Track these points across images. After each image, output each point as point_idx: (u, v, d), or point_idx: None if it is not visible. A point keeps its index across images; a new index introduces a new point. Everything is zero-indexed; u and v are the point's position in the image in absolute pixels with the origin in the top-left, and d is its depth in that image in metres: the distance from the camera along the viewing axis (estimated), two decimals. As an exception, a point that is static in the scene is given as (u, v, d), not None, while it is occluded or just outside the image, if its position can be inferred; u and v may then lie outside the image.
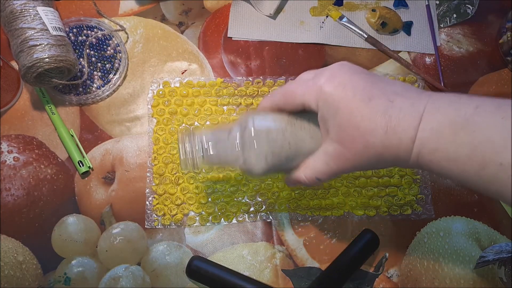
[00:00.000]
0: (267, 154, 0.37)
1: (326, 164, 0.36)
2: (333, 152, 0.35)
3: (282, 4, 0.58)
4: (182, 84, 0.54)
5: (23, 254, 0.48)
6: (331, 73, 0.34)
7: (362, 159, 0.34)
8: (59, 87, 0.54)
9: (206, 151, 0.38)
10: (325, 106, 0.34)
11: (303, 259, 0.48)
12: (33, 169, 0.51)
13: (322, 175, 0.36)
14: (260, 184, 0.50)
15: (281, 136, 0.37)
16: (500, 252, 0.47)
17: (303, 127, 0.37)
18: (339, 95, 0.33)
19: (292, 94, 0.36)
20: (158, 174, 0.50)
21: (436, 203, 0.50)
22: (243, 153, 0.37)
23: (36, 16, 0.49)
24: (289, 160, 0.37)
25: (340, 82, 0.33)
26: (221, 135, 0.38)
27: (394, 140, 0.32)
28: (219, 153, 0.38)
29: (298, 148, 0.37)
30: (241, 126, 0.38)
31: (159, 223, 0.49)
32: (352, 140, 0.33)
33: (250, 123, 0.37)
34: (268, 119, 0.37)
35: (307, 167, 0.37)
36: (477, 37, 0.57)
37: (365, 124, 0.32)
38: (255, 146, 0.36)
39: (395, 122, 0.32)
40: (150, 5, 0.59)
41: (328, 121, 0.34)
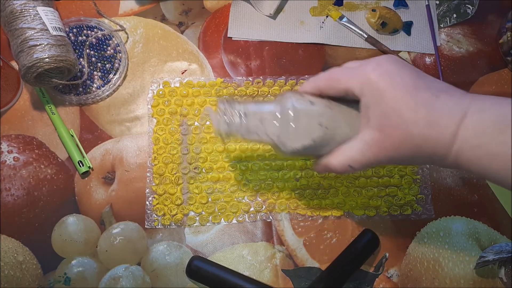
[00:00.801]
0: (303, 134, 0.37)
1: (362, 152, 0.35)
2: (371, 140, 0.35)
3: (282, 4, 0.58)
4: (182, 84, 0.54)
5: (23, 254, 0.48)
6: (378, 62, 0.35)
7: (399, 149, 0.33)
8: (59, 87, 0.54)
9: (244, 119, 0.38)
10: (370, 93, 0.34)
11: (303, 259, 0.48)
12: (33, 169, 0.51)
13: (356, 163, 0.36)
14: (260, 184, 0.50)
15: (318, 119, 0.37)
16: (500, 252, 0.47)
17: (342, 113, 0.37)
18: (385, 83, 0.33)
19: (337, 79, 0.36)
20: (158, 174, 0.50)
21: (436, 203, 0.50)
22: (280, 130, 0.38)
23: (36, 16, 0.49)
24: (323, 144, 0.37)
25: (387, 71, 0.34)
26: (261, 109, 0.39)
27: (435, 133, 0.32)
28: (256, 126, 0.38)
29: (334, 133, 0.37)
30: (282, 104, 0.38)
31: (159, 223, 0.49)
32: (393, 128, 0.33)
33: (290, 102, 0.37)
34: (307, 101, 0.38)
35: (340, 154, 0.37)
36: (477, 37, 0.57)
37: (409, 114, 0.32)
38: (292, 126, 0.37)
39: (438, 116, 0.32)
40: (150, 5, 0.59)
41: (371, 108, 0.34)
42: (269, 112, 0.38)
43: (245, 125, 0.38)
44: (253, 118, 0.38)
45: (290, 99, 0.38)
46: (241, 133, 0.39)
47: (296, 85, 0.54)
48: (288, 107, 0.37)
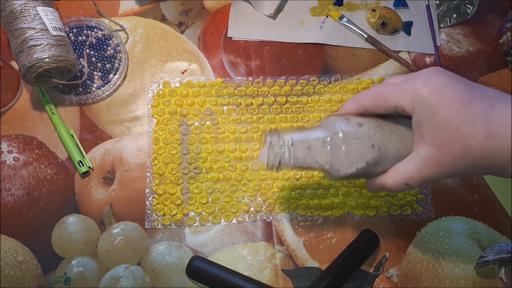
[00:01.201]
0: (356, 158, 0.36)
1: (419, 169, 0.35)
2: (427, 156, 0.34)
3: (282, 4, 0.58)
4: (182, 84, 0.54)
5: (23, 254, 0.48)
6: (427, 76, 0.34)
7: (459, 164, 0.33)
8: (59, 87, 0.54)
9: (292, 150, 0.38)
10: (422, 109, 0.33)
11: (303, 259, 0.48)
12: (33, 169, 0.51)
13: (413, 180, 0.35)
14: (260, 184, 0.50)
15: (369, 140, 0.36)
16: (500, 252, 0.47)
17: (392, 131, 0.37)
18: (437, 98, 0.33)
19: (384, 96, 0.35)
20: (158, 174, 0.50)
21: (436, 203, 0.50)
22: (331, 157, 0.37)
23: (36, 16, 0.49)
24: (376, 164, 0.37)
25: (437, 85, 0.33)
26: (308, 137, 0.38)
27: (496, 145, 0.31)
28: (305, 155, 0.38)
29: (387, 152, 0.36)
30: (329, 130, 0.37)
31: (159, 223, 0.49)
32: (450, 143, 0.32)
33: (338, 127, 0.37)
34: (355, 123, 0.37)
35: (396, 172, 0.36)
36: (477, 37, 0.57)
37: (466, 127, 0.32)
38: (343, 150, 0.36)
39: (497, 127, 0.31)
40: (150, 5, 0.59)
41: (424, 125, 0.34)
42: (317, 139, 0.37)
43: (294, 155, 0.38)
44: (301, 147, 0.37)
45: (337, 123, 0.37)
46: (291, 164, 0.38)
47: (296, 85, 0.54)
48: (336, 131, 0.36)
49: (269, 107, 0.53)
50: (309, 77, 0.54)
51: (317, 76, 0.54)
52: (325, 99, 0.53)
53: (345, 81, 0.54)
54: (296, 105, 0.53)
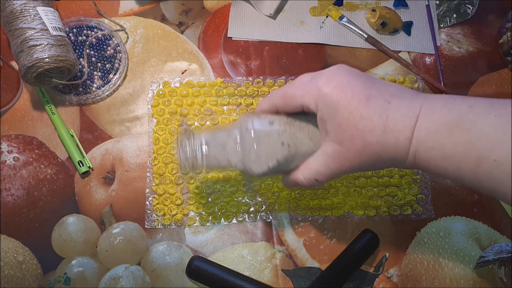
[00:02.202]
0: (267, 156, 0.37)
1: (325, 165, 0.36)
2: (332, 153, 0.35)
3: (282, 4, 0.58)
4: (182, 84, 0.54)
5: (23, 254, 0.48)
6: (329, 74, 0.35)
7: (361, 159, 0.34)
8: (59, 87, 0.54)
9: (205, 152, 0.38)
10: (324, 107, 0.34)
11: (303, 259, 0.48)
12: (33, 169, 0.51)
13: (321, 176, 0.37)
14: (260, 184, 0.50)
15: (280, 138, 0.37)
16: (500, 252, 0.47)
17: (302, 128, 0.37)
18: (337, 95, 0.34)
19: (291, 96, 0.37)
20: (158, 174, 0.50)
21: (436, 203, 0.50)
22: (243, 155, 0.37)
23: (36, 16, 0.49)
24: (288, 162, 0.37)
25: (338, 83, 0.34)
26: (220, 136, 0.38)
27: (391, 139, 0.32)
28: (218, 154, 0.38)
29: (297, 149, 0.37)
30: (241, 128, 0.38)
31: (159, 223, 0.49)
32: (351, 140, 0.34)
33: (250, 125, 0.37)
34: (267, 121, 0.37)
35: (305, 168, 0.37)
36: (477, 37, 0.57)
37: (364, 123, 0.33)
38: (254, 148, 0.37)
39: (392, 122, 0.32)
40: (150, 5, 0.59)
41: (327, 122, 0.35)
42: (229, 137, 0.38)
43: (207, 155, 0.38)
44: (213, 147, 0.38)
45: (248, 121, 0.37)
46: (205, 164, 0.38)
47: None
48: (248, 129, 0.37)
49: (269, 107, 0.53)
50: (309, 77, 0.54)
51: (317, 76, 0.54)
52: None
53: (345, 81, 0.54)
54: (296, 105, 0.53)
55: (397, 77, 0.54)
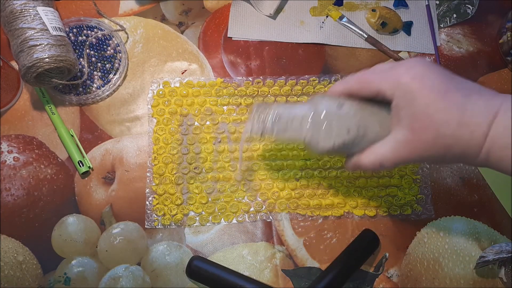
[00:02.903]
0: (335, 135, 0.38)
1: (394, 150, 0.36)
2: (402, 139, 0.36)
3: (282, 4, 0.58)
4: (182, 84, 0.54)
5: (23, 254, 0.48)
6: (409, 65, 0.36)
7: (431, 149, 0.34)
8: (59, 87, 0.54)
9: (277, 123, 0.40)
10: (401, 95, 0.35)
11: (303, 259, 0.48)
12: (33, 169, 0.51)
13: (387, 161, 0.37)
14: (260, 184, 0.50)
15: (350, 120, 0.38)
16: (500, 252, 0.47)
17: (373, 114, 0.38)
18: (416, 85, 0.34)
19: (368, 81, 0.38)
20: (158, 174, 0.50)
21: (436, 203, 0.50)
22: (312, 132, 0.39)
23: (36, 16, 0.49)
24: (354, 144, 0.39)
25: (417, 73, 0.35)
26: (294, 111, 0.40)
27: (466, 133, 0.33)
28: (288, 126, 0.40)
29: (366, 133, 0.38)
30: (315, 106, 0.39)
31: (159, 223, 0.49)
32: (425, 130, 0.34)
33: (323, 104, 0.39)
34: (339, 103, 0.39)
35: (372, 153, 0.38)
36: (477, 37, 0.57)
37: (440, 115, 0.33)
38: (325, 125, 0.38)
39: (469, 117, 0.33)
40: (150, 5, 0.59)
41: (402, 110, 0.35)
42: (300, 113, 0.40)
43: (278, 126, 0.40)
44: (286, 120, 0.40)
45: (322, 101, 0.39)
46: (275, 134, 0.40)
47: (296, 85, 0.54)
48: (320, 109, 0.39)
49: (269, 107, 0.53)
50: (309, 77, 0.54)
51: (317, 76, 0.54)
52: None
53: (345, 81, 0.54)
54: (296, 105, 0.53)
55: (397, 77, 0.54)
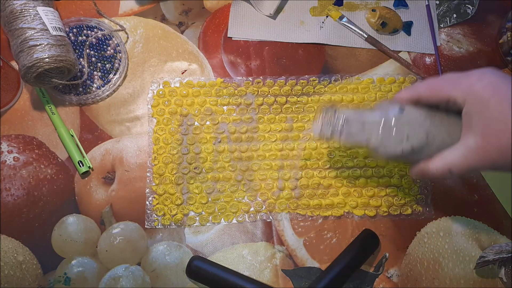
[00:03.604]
0: (404, 142, 0.39)
1: (464, 157, 0.36)
2: (474, 146, 0.36)
3: (282, 4, 0.58)
4: (182, 84, 0.54)
5: (23, 254, 0.48)
6: (481, 73, 0.36)
7: (504, 156, 0.35)
8: (59, 87, 0.54)
9: (346, 127, 0.41)
10: (474, 102, 0.35)
11: (303, 259, 0.48)
12: (33, 169, 0.51)
13: (457, 168, 0.37)
14: (260, 184, 0.50)
15: (420, 127, 0.39)
16: (500, 252, 0.47)
17: (441, 120, 0.39)
18: (489, 93, 0.35)
19: (439, 88, 0.38)
20: (158, 174, 0.50)
21: (436, 203, 0.50)
22: (381, 137, 0.39)
23: (36, 16, 0.49)
24: (422, 151, 0.39)
25: (490, 82, 0.35)
26: (363, 116, 0.41)
27: None
28: (356, 131, 0.41)
29: (435, 140, 0.39)
30: (385, 112, 0.40)
31: (159, 223, 0.49)
32: (498, 136, 0.34)
33: (393, 111, 0.39)
34: (410, 109, 0.39)
35: (441, 159, 0.38)
36: (477, 37, 0.57)
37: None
38: (393, 133, 0.39)
39: None
40: (150, 5, 0.59)
41: (474, 116, 0.36)
42: (370, 118, 0.40)
43: (347, 130, 0.41)
44: (353, 124, 0.40)
45: (391, 107, 0.40)
46: (343, 137, 0.41)
47: (296, 85, 0.54)
48: (389, 115, 0.39)
49: (269, 107, 0.53)
50: (309, 77, 0.54)
51: (317, 76, 0.54)
52: (325, 99, 0.53)
53: (345, 81, 0.54)
54: (296, 105, 0.53)
55: (397, 77, 0.54)
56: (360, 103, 0.53)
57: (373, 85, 0.54)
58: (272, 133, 0.52)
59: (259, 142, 0.52)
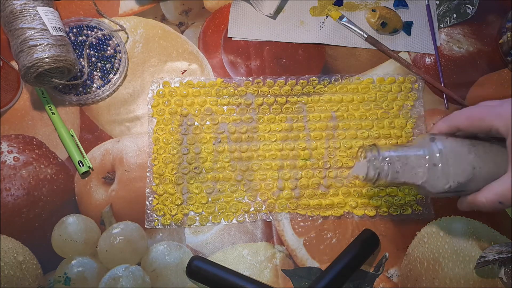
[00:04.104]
0: (450, 176, 0.38)
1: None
2: None
3: (282, 4, 0.58)
4: (182, 84, 0.54)
5: (23, 254, 0.48)
6: None
7: None
8: (59, 87, 0.54)
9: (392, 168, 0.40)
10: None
11: (303, 259, 0.48)
12: (33, 169, 0.51)
13: (507, 199, 0.37)
14: (260, 184, 0.50)
15: (466, 160, 0.38)
16: (500, 252, 0.47)
17: (486, 151, 0.38)
18: None
19: (479, 118, 0.37)
20: (158, 174, 0.50)
21: (436, 203, 0.50)
22: (428, 174, 0.39)
23: (36, 16, 0.49)
24: (469, 184, 0.38)
25: None
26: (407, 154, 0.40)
27: None
28: (401, 171, 0.40)
29: (481, 172, 0.38)
30: (426, 148, 0.39)
31: (159, 223, 0.49)
32: None
33: (435, 146, 0.39)
34: (452, 142, 0.39)
35: (489, 191, 0.38)
36: (477, 37, 0.57)
37: None
38: (440, 168, 0.38)
39: None
40: (150, 5, 0.59)
41: None
42: (414, 156, 0.40)
43: (392, 170, 0.40)
44: (399, 163, 0.40)
45: (433, 141, 0.39)
46: (389, 178, 0.40)
47: (296, 85, 0.54)
48: (434, 150, 0.39)
49: (269, 107, 0.53)
50: (309, 77, 0.54)
51: (317, 76, 0.54)
52: (325, 99, 0.53)
53: (345, 81, 0.54)
54: (296, 105, 0.53)
55: (397, 77, 0.54)
56: (360, 103, 0.53)
57: (373, 85, 0.54)
58: (272, 133, 0.52)
59: (259, 142, 0.52)
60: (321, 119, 0.52)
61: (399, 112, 0.53)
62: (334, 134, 0.52)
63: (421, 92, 0.54)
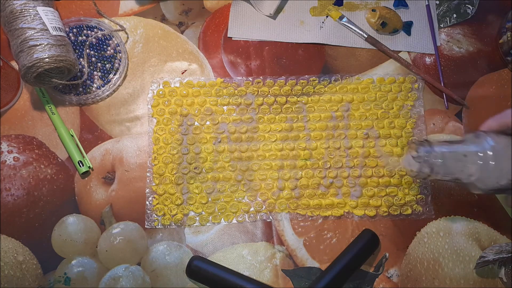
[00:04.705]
0: (503, 174, 0.38)
1: None
2: None
3: (282, 4, 0.58)
4: (182, 84, 0.54)
5: (23, 254, 0.48)
6: None
7: None
8: (59, 87, 0.54)
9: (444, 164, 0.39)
10: None
11: (303, 259, 0.48)
12: (33, 169, 0.51)
13: None
14: (260, 184, 0.50)
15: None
16: (500, 252, 0.47)
17: None
18: None
19: None
20: (158, 174, 0.50)
21: (436, 203, 0.50)
22: (480, 170, 0.38)
23: (36, 16, 0.49)
24: None
25: None
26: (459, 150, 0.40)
27: None
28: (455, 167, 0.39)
29: None
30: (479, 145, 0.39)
31: (159, 223, 0.49)
32: None
33: (488, 143, 0.38)
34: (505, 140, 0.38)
35: None
36: (477, 37, 0.57)
37: None
38: (492, 166, 0.38)
39: None
40: (150, 5, 0.59)
41: None
42: (467, 153, 0.39)
43: (444, 166, 0.39)
44: (451, 160, 0.39)
45: (486, 138, 0.39)
46: (441, 174, 0.40)
47: (296, 85, 0.54)
48: (486, 147, 0.38)
49: (269, 107, 0.53)
50: (309, 77, 0.54)
51: (317, 76, 0.54)
52: (325, 99, 0.53)
53: (345, 81, 0.54)
54: (296, 105, 0.53)
55: (397, 77, 0.54)
56: (360, 102, 0.53)
57: (373, 85, 0.54)
58: (272, 133, 0.52)
59: (259, 142, 0.52)
60: (321, 119, 0.52)
61: (399, 112, 0.53)
62: (334, 134, 0.52)
63: (421, 92, 0.54)
